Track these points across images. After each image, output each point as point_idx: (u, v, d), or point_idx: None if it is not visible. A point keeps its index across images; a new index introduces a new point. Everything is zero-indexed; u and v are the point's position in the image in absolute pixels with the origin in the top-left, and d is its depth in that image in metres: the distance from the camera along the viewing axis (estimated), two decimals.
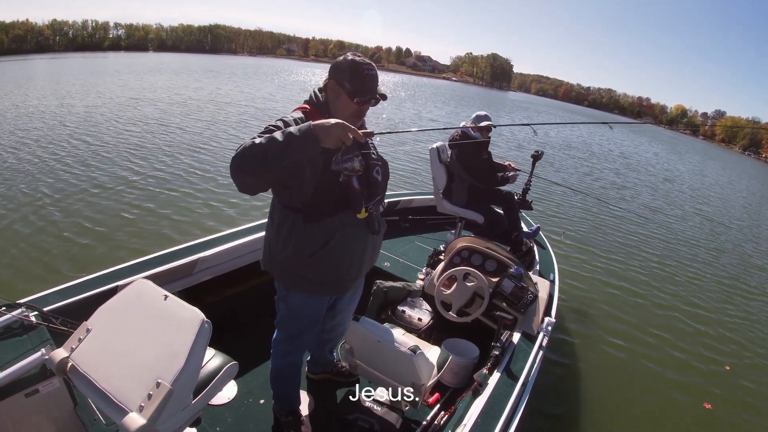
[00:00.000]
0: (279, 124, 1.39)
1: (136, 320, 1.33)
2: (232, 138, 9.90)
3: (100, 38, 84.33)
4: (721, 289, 5.74)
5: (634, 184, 12.40)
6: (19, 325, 1.61)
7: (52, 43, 73.18)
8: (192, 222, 5.14)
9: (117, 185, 6.04)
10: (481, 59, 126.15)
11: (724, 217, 10.64)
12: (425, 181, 7.66)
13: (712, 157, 38.44)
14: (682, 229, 8.44)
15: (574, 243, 6.27)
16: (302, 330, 1.78)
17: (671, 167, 19.55)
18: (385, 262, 3.22)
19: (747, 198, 15.83)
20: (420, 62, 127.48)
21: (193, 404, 1.29)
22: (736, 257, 7.36)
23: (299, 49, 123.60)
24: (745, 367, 3.94)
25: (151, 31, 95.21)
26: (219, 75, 29.85)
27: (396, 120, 16.59)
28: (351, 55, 1.53)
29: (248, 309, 2.60)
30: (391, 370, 1.88)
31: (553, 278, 2.99)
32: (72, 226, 4.67)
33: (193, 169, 7.13)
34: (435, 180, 3.53)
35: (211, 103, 15.49)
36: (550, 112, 45.72)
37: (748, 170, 32.33)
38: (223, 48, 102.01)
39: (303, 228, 1.50)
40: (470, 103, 32.48)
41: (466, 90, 64.05)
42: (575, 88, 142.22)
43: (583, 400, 3.10)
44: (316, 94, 1.55)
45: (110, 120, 10.62)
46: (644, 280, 5.47)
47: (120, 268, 2.08)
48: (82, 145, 8.05)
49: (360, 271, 1.70)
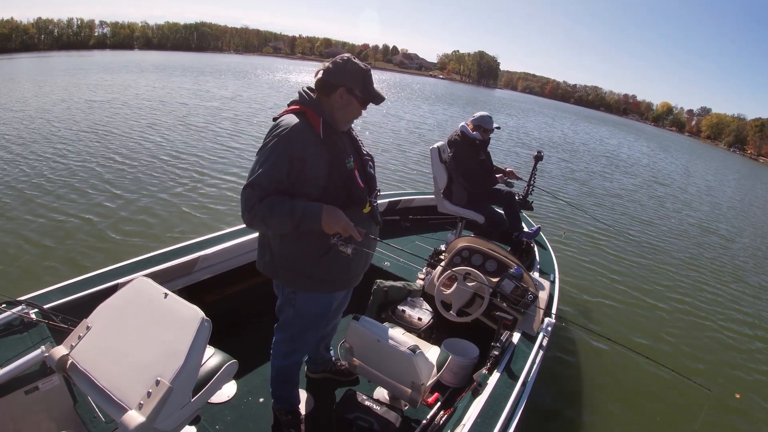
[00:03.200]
0: (279, 143, 1.41)
1: (136, 318, 1.33)
2: (232, 138, 9.92)
3: (86, 37, 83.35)
4: (722, 288, 5.74)
5: (633, 184, 12.40)
6: (20, 323, 1.61)
7: (38, 41, 72.44)
8: (192, 220, 5.15)
9: (117, 184, 6.05)
10: (468, 57, 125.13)
11: (724, 216, 10.64)
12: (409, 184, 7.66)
13: (701, 154, 38.58)
14: (682, 229, 8.44)
15: (574, 243, 6.27)
16: (308, 329, 1.78)
17: (667, 166, 19.55)
18: (386, 261, 3.22)
19: (742, 195, 15.83)
20: (407, 60, 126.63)
21: (193, 402, 1.29)
22: (737, 257, 7.35)
23: (286, 46, 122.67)
24: (746, 369, 3.93)
25: (136, 30, 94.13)
26: (220, 74, 29.82)
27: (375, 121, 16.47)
28: (354, 59, 1.53)
29: (248, 307, 2.60)
30: (391, 370, 1.88)
31: (554, 278, 2.99)
32: (72, 225, 4.68)
33: (195, 168, 7.14)
34: (436, 180, 3.52)
35: (212, 101, 15.50)
36: (537, 110, 45.51)
37: (740, 169, 32.41)
38: (209, 46, 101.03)
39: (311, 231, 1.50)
40: (454, 102, 31.99)
41: (452, 88, 63.40)
42: (562, 85, 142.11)
43: (583, 400, 3.10)
44: (308, 93, 1.54)
45: (113, 117, 10.64)
46: (644, 280, 5.46)
47: (120, 266, 2.08)
48: (81, 144, 8.06)
49: (366, 264, 1.75)
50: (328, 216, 1.40)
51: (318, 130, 1.47)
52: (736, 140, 79.98)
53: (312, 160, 1.45)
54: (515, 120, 26.63)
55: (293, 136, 1.43)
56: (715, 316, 4.89)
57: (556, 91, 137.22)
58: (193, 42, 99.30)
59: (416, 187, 7.48)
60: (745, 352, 4.22)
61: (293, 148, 1.42)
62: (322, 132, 1.48)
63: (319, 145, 1.47)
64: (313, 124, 1.48)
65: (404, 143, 12.02)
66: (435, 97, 29.96)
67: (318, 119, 1.49)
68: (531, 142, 17.46)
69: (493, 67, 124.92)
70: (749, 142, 76.59)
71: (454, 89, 57.94)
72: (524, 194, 3.70)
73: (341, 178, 1.50)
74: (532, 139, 18.86)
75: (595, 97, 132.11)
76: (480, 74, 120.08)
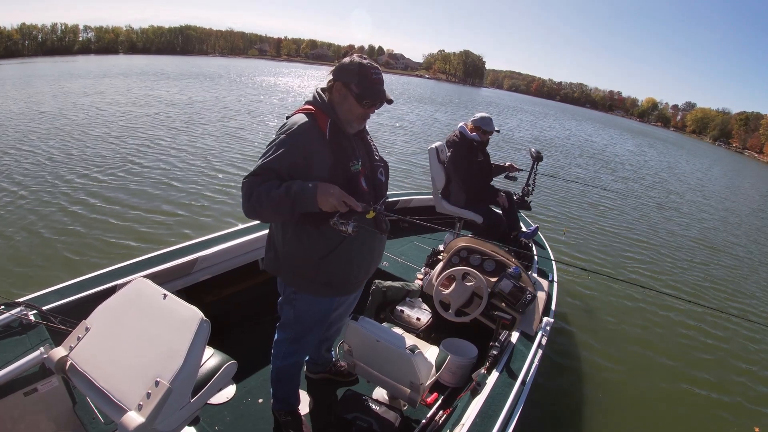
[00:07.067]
0: (285, 140, 1.42)
1: (135, 319, 1.33)
2: (231, 137, 9.91)
3: (70, 42, 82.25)
4: (722, 288, 5.75)
5: (633, 181, 12.43)
6: (18, 324, 1.61)
7: (22, 47, 71.65)
8: (191, 221, 5.14)
9: (116, 185, 6.04)
10: (454, 56, 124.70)
11: (724, 215, 10.66)
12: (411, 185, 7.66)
13: (689, 149, 38.83)
14: (681, 228, 8.46)
15: (574, 242, 6.28)
16: (308, 331, 1.78)
17: (658, 161, 19.60)
18: (384, 261, 3.22)
19: (733, 190, 15.88)
20: (393, 60, 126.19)
21: (192, 403, 1.29)
22: (738, 256, 7.37)
23: (271, 48, 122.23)
24: (747, 370, 3.94)
25: (121, 34, 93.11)
26: (207, 79, 29.70)
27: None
28: (357, 56, 1.52)
29: (247, 308, 2.60)
30: (390, 370, 1.88)
31: (552, 278, 3.00)
32: (71, 226, 4.67)
33: (194, 168, 7.13)
34: (434, 180, 3.52)
35: (211, 103, 15.48)
36: (523, 108, 45.42)
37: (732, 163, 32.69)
38: (195, 49, 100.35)
39: (314, 231, 1.50)
40: (440, 102, 31.83)
41: (438, 87, 62.98)
42: (547, 83, 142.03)
43: (582, 400, 3.11)
44: (320, 95, 1.55)
45: (108, 120, 10.62)
46: (644, 280, 5.47)
47: (119, 267, 2.08)
48: (81, 143, 8.04)
49: (368, 272, 1.72)
50: (323, 189, 1.36)
51: (324, 130, 1.48)
52: (721, 134, 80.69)
53: (316, 159, 1.45)
54: (503, 118, 26.66)
55: (299, 133, 1.44)
56: (716, 314, 4.89)
57: (542, 89, 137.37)
58: (178, 45, 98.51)
59: (415, 187, 7.48)
60: (748, 353, 4.22)
61: (298, 145, 1.43)
62: (328, 133, 1.48)
63: (324, 145, 1.47)
64: (321, 124, 1.48)
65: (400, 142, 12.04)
66: (418, 100, 29.83)
67: (326, 120, 1.49)
68: (522, 139, 17.47)
69: (479, 66, 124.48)
70: (734, 135, 77.20)
71: (440, 89, 57.54)
72: (523, 194, 3.71)
73: (344, 180, 1.48)
74: (525, 135, 18.87)
75: (580, 93, 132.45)
76: (466, 73, 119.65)
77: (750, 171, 31.86)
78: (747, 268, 6.90)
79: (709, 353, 4.08)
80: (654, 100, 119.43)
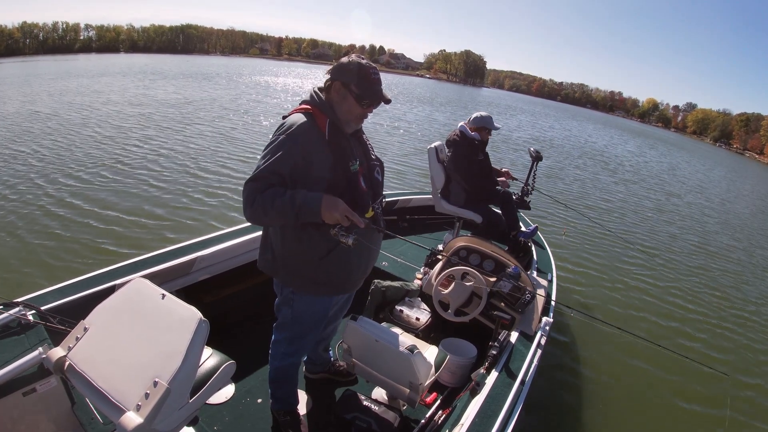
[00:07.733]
0: (285, 141, 1.41)
1: (134, 319, 1.32)
2: (230, 137, 9.90)
3: (71, 40, 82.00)
4: (722, 288, 5.76)
5: (633, 183, 12.43)
6: (17, 324, 1.60)
7: (23, 46, 71.40)
8: (190, 221, 5.14)
9: (114, 186, 6.03)
10: (455, 56, 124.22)
11: (724, 214, 10.67)
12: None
13: (690, 149, 38.91)
14: (681, 227, 8.46)
15: (573, 242, 6.28)
16: (307, 332, 1.78)
17: (666, 165, 19.62)
18: (383, 261, 3.22)
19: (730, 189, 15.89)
20: (394, 60, 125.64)
21: (191, 403, 1.29)
22: (739, 255, 7.38)
23: (272, 48, 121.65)
24: (747, 372, 3.94)
25: (122, 32, 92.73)
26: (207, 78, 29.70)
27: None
28: (356, 56, 1.52)
29: (246, 308, 2.60)
30: (389, 370, 1.88)
31: (551, 278, 3.00)
32: (69, 226, 4.66)
33: (193, 168, 7.12)
34: (433, 180, 3.52)
35: (210, 103, 15.47)
36: (523, 108, 45.35)
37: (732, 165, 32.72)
38: (195, 48, 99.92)
39: (313, 231, 1.50)
40: (440, 102, 31.71)
41: (439, 87, 62.79)
42: (548, 83, 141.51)
43: (581, 400, 3.11)
44: (318, 94, 1.55)
45: (105, 121, 10.61)
46: (643, 279, 5.48)
47: (117, 267, 2.07)
48: (79, 146, 8.04)
49: (366, 271, 1.73)
50: (328, 203, 1.37)
51: (323, 130, 1.48)
52: (722, 135, 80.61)
53: (316, 159, 1.45)
54: (503, 118, 26.65)
55: (298, 134, 1.43)
56: (716, 314, 4.90)
57: (543, 89, 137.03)
58: (179, 44, 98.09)
59: (409, 188, 7.48)
60: (749, 354, 4.22)
61: (298, 146, 1.42)
62: (327, 132, 1.48)
63: (323, 145, 1.47)
64: (320, 124, 1.48)
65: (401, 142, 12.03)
66: (418, 100, 29.75)
67: (324, 119, 1.49)
68: (520, 139, 17.49)
69: (480, 66, 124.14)
70: (735, 136, 77.19)
71: (441, 89, 57.35)
72: (522, 194, 3.71)
73: (344, 180, 1.49)
74: (523, 135, 18.88)
75: (581, 94, 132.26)
76: (467, 73, 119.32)
77: (751, 172, 31.85)
78: (750, 274, 6.91)
79: (710, 353, 4.08)
80: (655, 100, 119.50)
